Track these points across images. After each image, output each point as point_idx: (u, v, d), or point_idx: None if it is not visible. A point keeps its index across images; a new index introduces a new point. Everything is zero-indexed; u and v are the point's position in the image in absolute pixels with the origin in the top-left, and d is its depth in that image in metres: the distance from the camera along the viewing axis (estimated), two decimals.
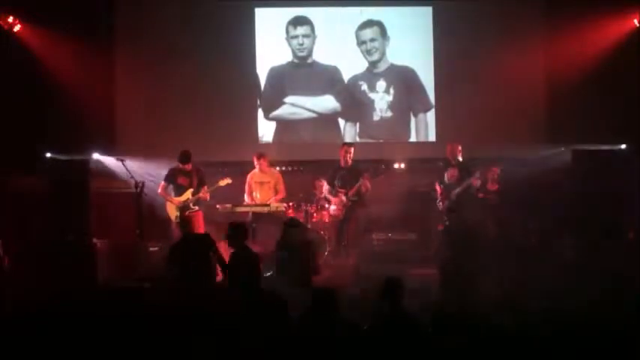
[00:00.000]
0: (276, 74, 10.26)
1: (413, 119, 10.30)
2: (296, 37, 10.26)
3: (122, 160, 8.45)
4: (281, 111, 10.26)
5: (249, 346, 3.97)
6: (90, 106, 9.40)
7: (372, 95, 10.26)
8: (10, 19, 9.16)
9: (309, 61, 10.28)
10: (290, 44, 10.28)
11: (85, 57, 9.36)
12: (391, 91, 10.25)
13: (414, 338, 3.94)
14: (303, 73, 10.26)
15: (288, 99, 10.24)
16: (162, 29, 9.94)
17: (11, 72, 9.14)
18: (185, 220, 8.20)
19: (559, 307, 4.66)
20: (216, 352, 3.97)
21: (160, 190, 8.60)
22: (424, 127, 10.28)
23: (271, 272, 7.28)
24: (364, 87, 10.23)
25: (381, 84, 10.26)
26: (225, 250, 8.03)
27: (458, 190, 8.60)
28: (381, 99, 10.25)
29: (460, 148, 8.87)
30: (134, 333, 4.13)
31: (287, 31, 10.26)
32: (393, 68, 10.27)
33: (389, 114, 10.25)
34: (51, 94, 9.30)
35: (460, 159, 8.84)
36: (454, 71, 10.19)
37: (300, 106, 10.24)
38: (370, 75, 10.27)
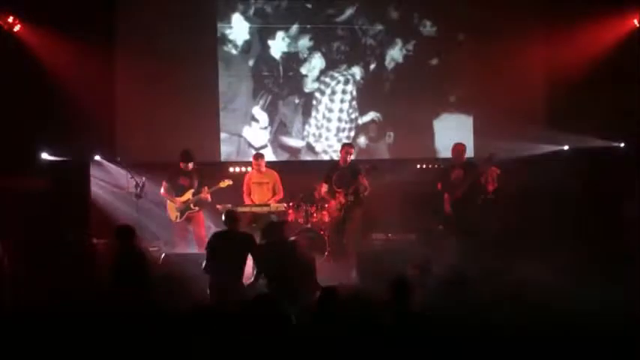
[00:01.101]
0: None
1: None
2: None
3: (122, 161, 8.47)
4: None
5: (249, 347, 3.97)
6: (90, 106, 9.37)
7: None
8: (10, 19, 9.16)
9: None
10: None
11: (85, 57, 9.35)
12: None
13: (421, 338, 3.93)
14: None
15: None
16: (163, 29, 9.93)
17: (11, 72, 9.13)
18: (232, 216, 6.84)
19: (559, 307, 4.65)
20: (216, 353, 3.97)
21: (162, 191, 8.60)
22: None
23: None
24: None
25: None
26: None
27: (464, 188, 8.52)
28: None
29: (465, 148, 8.81)
30: (134, 333, 4.13)
31: None
32: None
33: None
34: (51, 95, 9.29)
35: (464, 159, 8.78)
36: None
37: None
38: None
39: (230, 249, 6.48)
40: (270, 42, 10.23)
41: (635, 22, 9.58)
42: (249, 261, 6.62)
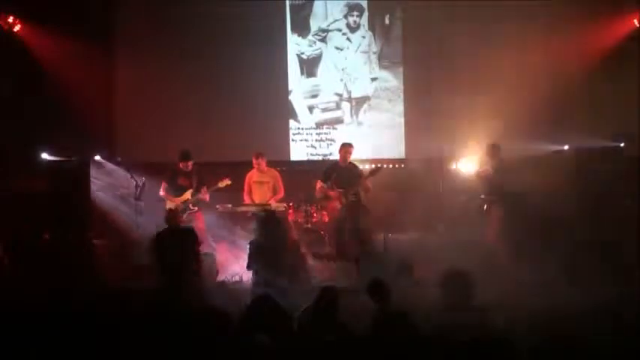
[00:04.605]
0: None
1: None
2: None
3: (122, 161, 8.48)
4: None
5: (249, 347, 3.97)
6: (90, 106, 9.40)
7: None
8: (10, 19, 9.16)
9: None
10: None
11: (86, 57, 9.35)
12: None
13: (403, 338, 3.94)
14: None
15: None
16: (163, 30, 9.94)
17: (11, 72, 9.14)
18: (171, 215, 7.50)
19: (557, 308, 4.65)
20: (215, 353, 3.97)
21: (161, 191, 8.60)
22: None
23: None
24: None
25: None
26: (225, 250, 8.10)
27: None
28: None
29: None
30: (134, 333, 4.13)
31: None
32: None
33: None
34: (51, 95, 9.29)
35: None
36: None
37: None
38: None
39: (175, 246, 6.78)
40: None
41: (635, 22, 9.58)
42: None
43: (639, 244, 7.53)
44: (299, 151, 10.40)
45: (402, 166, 10.23)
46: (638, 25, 9.58)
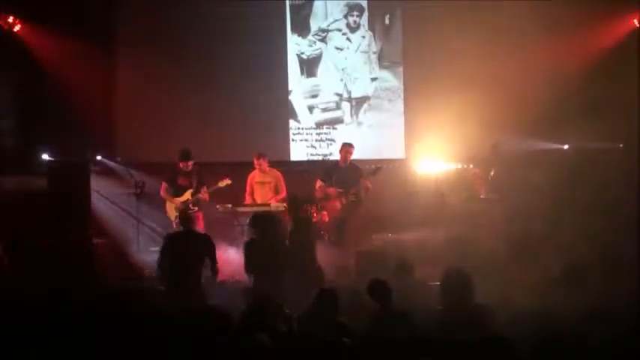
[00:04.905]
0: None
1: None
2: None
3: (122, 161, 8.49)
4: None
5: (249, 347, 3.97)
6: (90, 106, 9.40)
7: None
8: (10, 19, 9.16)
9: None
10: None
11: (86, 57, 9.36)
12: None
13: (403, 338, 3.94)
14: None
15: None
16: (163, 30, 9.95)
17: (11, 72, 9.14)
18: (185, 217, 7.09)
19: (557, 308, 4.65)
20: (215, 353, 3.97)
21: (161, 191, 8.60)
22: None
23: None
24: None
25: None
26: (225, 250, 8.08)
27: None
28: None
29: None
30: (134, 333, 4.13)
31: None
32: None
33: None
34: (51, 95, 9.30)
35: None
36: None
37: None
38: None
39: (187, 250, 6.49)
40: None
41: (635, 22, 9.59)
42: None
43: (639, 243, 7.53)
44: (299, 151, 10.40)
45: (402, 166, 10.21)
46: (638, 25, 9.58)
